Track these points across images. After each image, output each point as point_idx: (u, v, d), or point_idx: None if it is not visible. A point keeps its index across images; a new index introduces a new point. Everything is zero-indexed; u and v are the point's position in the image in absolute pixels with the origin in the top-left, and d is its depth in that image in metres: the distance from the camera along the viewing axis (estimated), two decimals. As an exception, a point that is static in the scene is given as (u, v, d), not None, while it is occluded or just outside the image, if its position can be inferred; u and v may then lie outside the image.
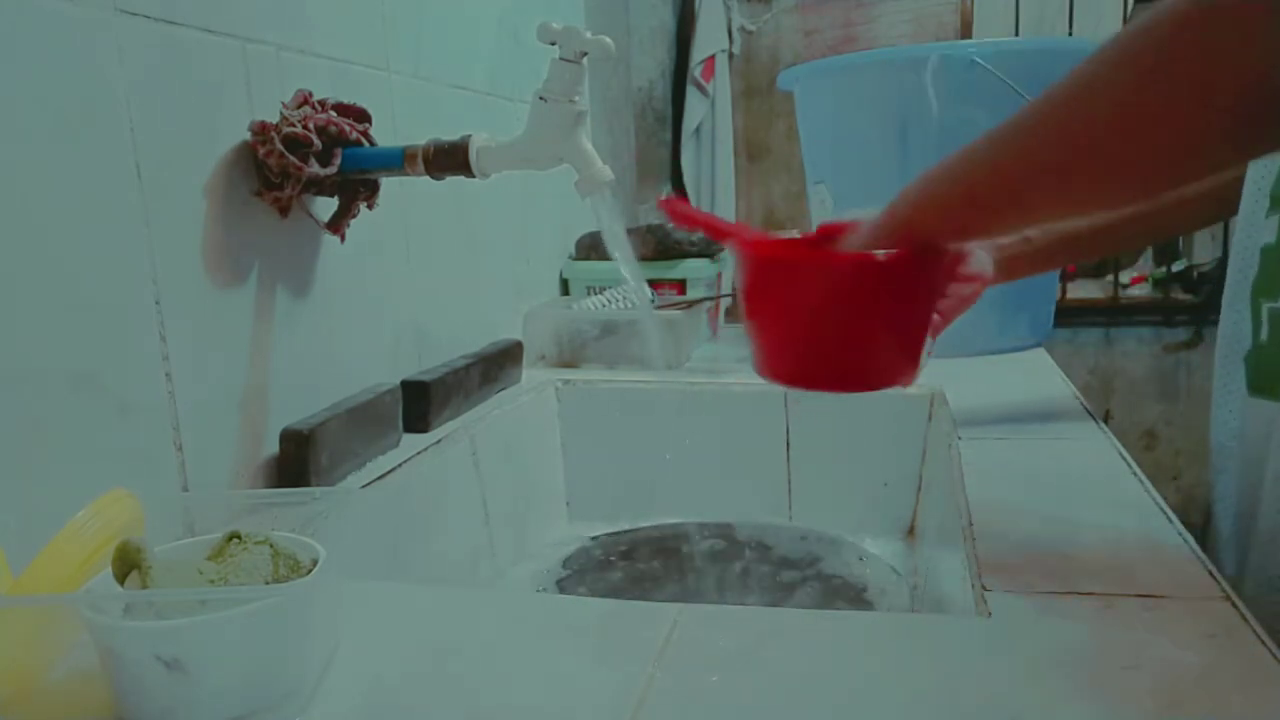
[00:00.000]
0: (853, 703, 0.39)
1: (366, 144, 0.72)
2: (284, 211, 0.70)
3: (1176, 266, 2.30)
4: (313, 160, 0.68)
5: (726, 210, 2.34)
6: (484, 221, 1.04)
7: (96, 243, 0.55)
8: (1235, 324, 0.64)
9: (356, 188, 0.74)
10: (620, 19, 1.83)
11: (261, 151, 0.66)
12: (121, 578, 0.40)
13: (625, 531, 0.96)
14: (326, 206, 0.75)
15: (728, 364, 1.07)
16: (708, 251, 1.26)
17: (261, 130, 0.66)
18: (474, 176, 0.70)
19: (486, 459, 0.88)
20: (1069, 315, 2.28)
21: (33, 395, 0.51)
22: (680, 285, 1.24)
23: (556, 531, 0.99)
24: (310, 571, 0.43)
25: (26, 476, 0.51)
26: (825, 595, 0.82)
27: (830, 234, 0.56)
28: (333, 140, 0.70)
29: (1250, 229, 0.63)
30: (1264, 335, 0.58)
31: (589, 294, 1.24)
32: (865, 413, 0.95)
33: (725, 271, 1.31)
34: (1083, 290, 2.35)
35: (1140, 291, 2.36)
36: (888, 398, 0.93)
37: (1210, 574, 0.49)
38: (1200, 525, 0.64)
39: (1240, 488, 0.64)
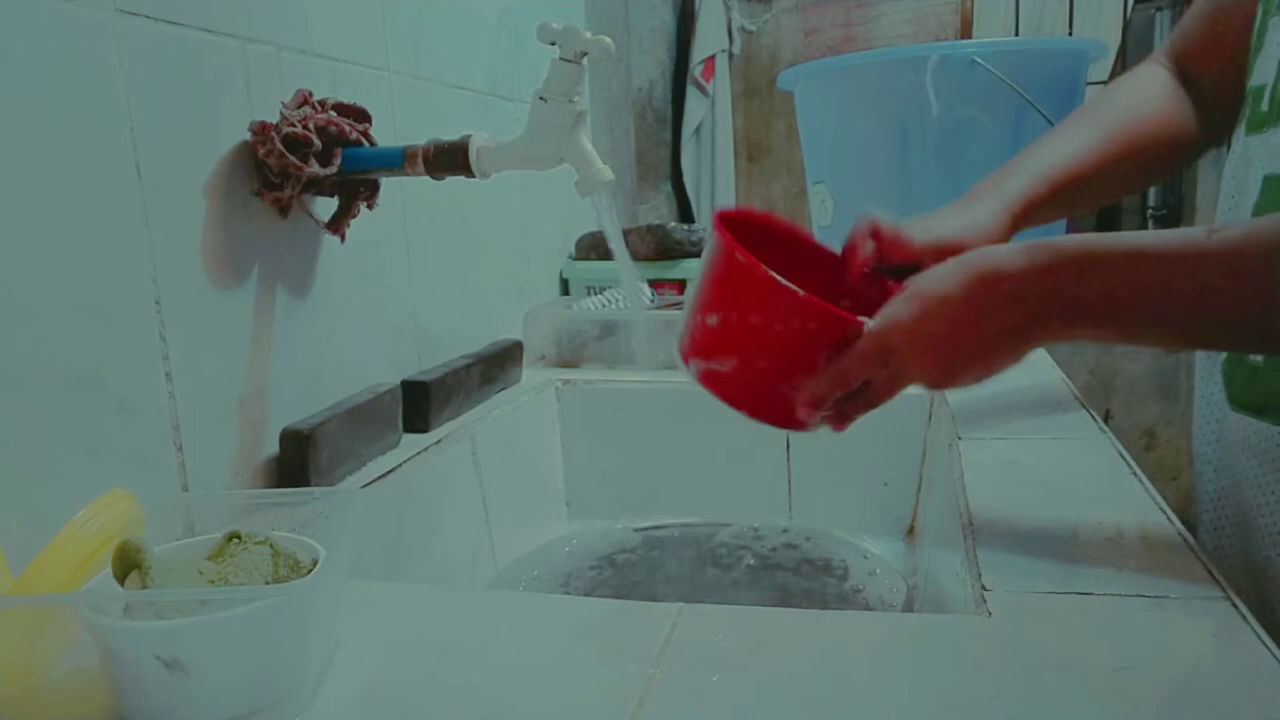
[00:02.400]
0: (853, 703, 0.39)
1: (366, 144, 0.72)
2: (284, 211, 0.70)
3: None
4: (313, 160, 0.68)
5: (726, 210, 2.34)
6: (484, 221, 1.04)
7: (96, 243, 0.55)
8: None
9: (356, 188, 0.74)
10: (620, 19, 1.83)
11: (261, 151, 0.66)
12: (121, 578, 0.40)
13: (625, 531, 0.96)
14: (326, 206, 0.75)
15: (728, 364, 1.07)
16: (708, 251, 1.26)
17: (261, 130, 0.66)
18: (474, 176, 0.70)
19: (486, 459, 0.88)
20: (1069, 315, 2.28)
21: (33, 395, 0.51)
22: (680, 285, 1.24)
23: (556, 531, 0.99)
24: (310, 571, 0.43)
25: (26, 476, 0.51)
26: (824, 595, 0.82)
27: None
28: (333, 140, 0.70)
29: None
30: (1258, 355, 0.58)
31: (589, 294, 1.24)
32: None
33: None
34: (1083, 290, 2.35)
35: (1140, 291, 2.36)
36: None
37: (1210, 574, 0.49)
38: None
39: (1217, 493, 0.64)
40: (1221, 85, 0.65)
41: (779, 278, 0.50)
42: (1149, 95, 0.69)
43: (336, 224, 0.74)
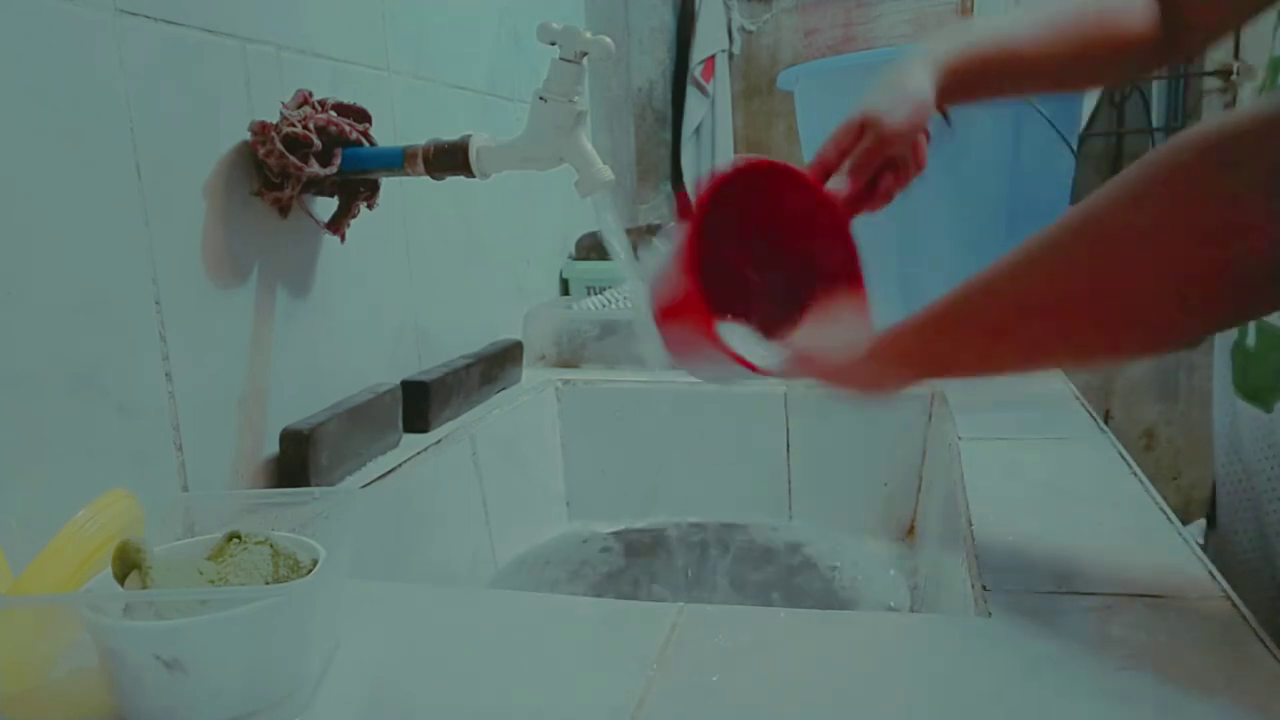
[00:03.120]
0: (853, 702, 0.39)
1: (366, 144, 0.72)
2: (284, 211, 0.70)
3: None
4: (313, 160, 0.68)
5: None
6: (484, 221, 1.04)
7: (96, 243, 0.55)
8: None
9: (356, 188, 0.74)
10: (620, 19, 1.83)
11: (261, 151, 0.66)
12: (121, 578, 0.40)
13: (625, 531, 0.96)
14: (326, 206, 0.75)
15: (728, 364, 1.07)
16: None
17: (261, 130, 0.66)
18: (474, 176, 0.70)
19: (486, 459, 0.88)
20: (1069, 315, 2.28)
21: (33, 395, 0.51)
22: (680, 285, 1.24)
23: (556, 531, 0.99)
24: (310, 571, 0.43)
25: (26, 476, 0.51)
26: (824, 595, 0.82)
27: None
28: (333, 140, 0.70)
29: None
30: (1250, 340, 0.58)
31: (589, 294, 1.24)
32: (865, 413, 0.94)
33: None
34: (1083, 290, 2.35)
35: (1140, 291, 2.36)
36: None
37: (1210, 574, 0.49)
38: (1207, 515, 0.63)
39: (1231, 480, 0.64)
40: (1202, 5, 0.62)
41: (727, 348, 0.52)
42: None
43: (336, 224, 0.74)
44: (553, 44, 0.65)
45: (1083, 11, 0.64)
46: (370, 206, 0.76)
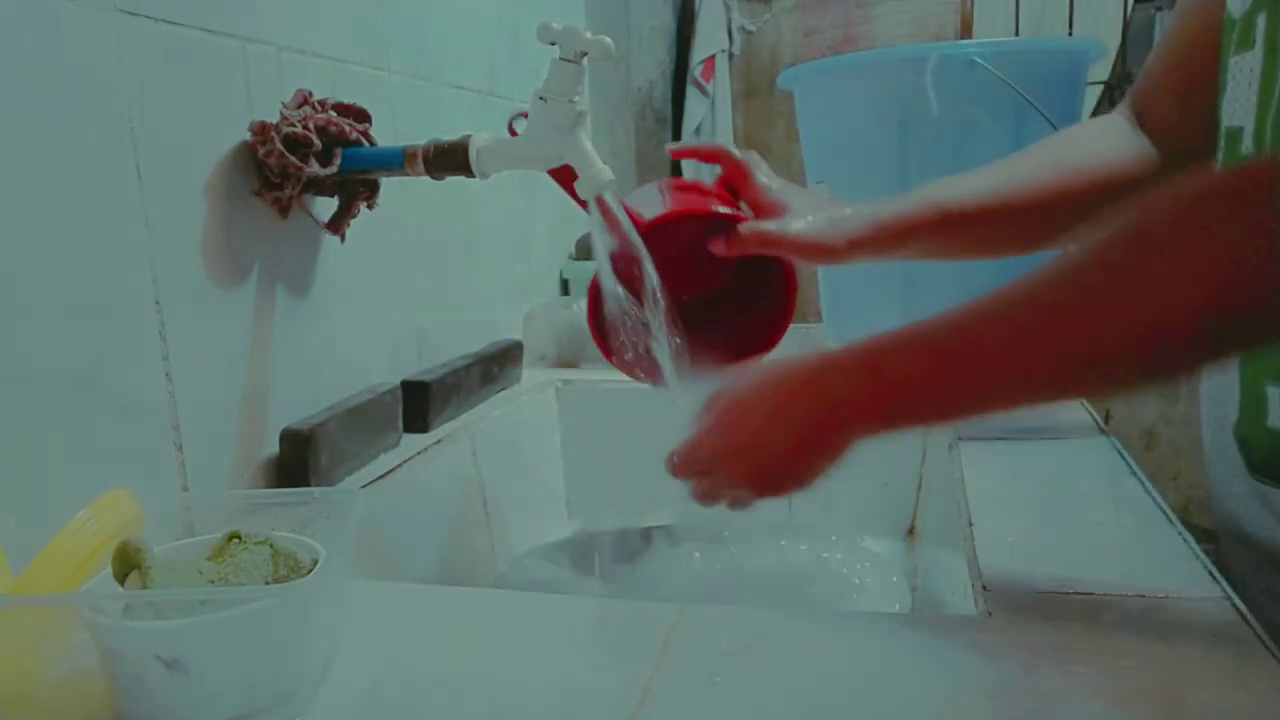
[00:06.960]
0: (852, 703, 0.39)
1: (366, 144, 0.72)
2: (284, 211, 0.70)
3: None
4: (313, 160, 0.68)
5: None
6: (484, 221, 1.04)
7: (96, 243, 0.55)
8: (1221, 396, 0.58)
9: (356, 188, 0.74)
10: (620, 19, 1.83)
11: (261, 151, 0.66)
12: (121, 578, 0.40)
13: (625, 531, 0.96)
14: (326, 206, 0.75)
15: (728, 364, 1.07)
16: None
17: (261, 130, 0.66)
18: (474, 176, 0.70)
19: (486, 459, 0.88)
20: (1069, 315, 2.28)
21: (33, 395, 0.51)
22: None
23: (556, 531, 0.99)
24: (310, 571, 0.43)
25: (26, 476, 0.51)
26: (824, 595, 0.81)
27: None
28: (333, 140, 0.70)
29: None
30: (1274, 420, 0.52)
31: (589, 294, 1.24)
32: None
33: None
34: (1083, 290, 2.35)
35: (1140, 291, 2.36)
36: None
37: (1210, 574, 0.49)
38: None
39: (1255, 565, 0.57)
40: (1179, 123, 0.62)
41: None
42: (1089, 138, 0.65)
43: (336, 224, 0.74)
44: (553, 44, 0.65)
45: (1059, 161, 0.63)
46: (370, 206, 0.76)
